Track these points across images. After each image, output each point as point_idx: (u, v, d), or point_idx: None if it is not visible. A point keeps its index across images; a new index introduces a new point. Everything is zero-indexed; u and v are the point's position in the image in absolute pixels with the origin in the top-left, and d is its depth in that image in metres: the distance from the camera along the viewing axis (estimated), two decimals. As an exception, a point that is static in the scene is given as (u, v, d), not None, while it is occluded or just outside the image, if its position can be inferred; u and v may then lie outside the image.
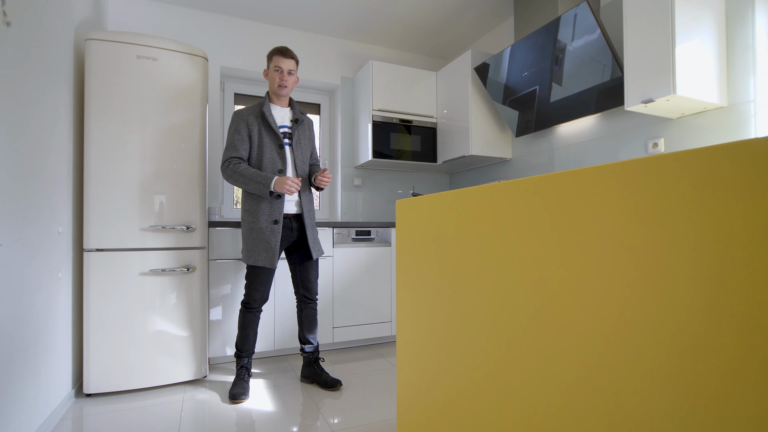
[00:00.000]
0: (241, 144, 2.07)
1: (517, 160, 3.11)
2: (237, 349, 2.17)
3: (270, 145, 2.09)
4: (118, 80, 2.08)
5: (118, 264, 2.07)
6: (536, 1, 2.52)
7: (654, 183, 0.38)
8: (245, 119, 2.08)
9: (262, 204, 2.05)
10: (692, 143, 1.96)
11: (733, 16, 1.81)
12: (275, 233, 2.06)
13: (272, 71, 2.11)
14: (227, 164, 2.06)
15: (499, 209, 0.58)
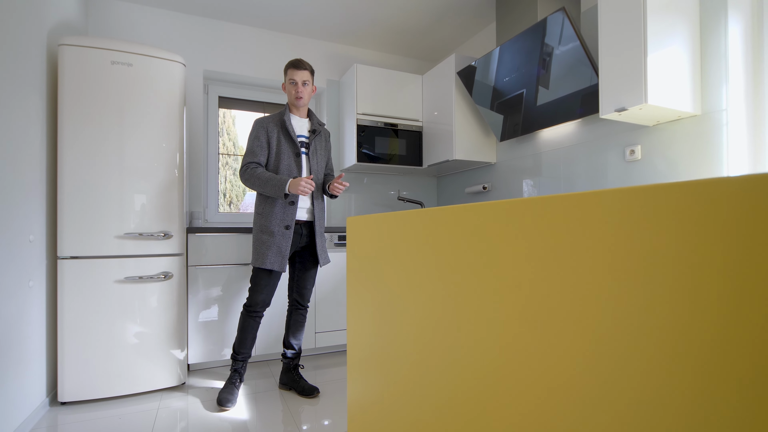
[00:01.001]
0: (260, 150, 2.13)
1: (501, 164, 3.10)
2: (234, 351, 2.17)
3: (287, 153, 2.15)
4: (93, 86, 2.07)
5: (93, 272, 2.06)
6: (517, 7, 2.51)
7: (588, 218, 0.38)
8: (265, 127, 2.15)
9: (275, 208, 2.10)
10: (668, 150, 1.96)
11: (707, 25, 1.81)
12: (286, 238, 2.09)
13: (288, 84, 2.18)
14: (245, 169, 2.11)
15: (435, 233, 0.58)
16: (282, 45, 3.35)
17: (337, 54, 3.55)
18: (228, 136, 3.46)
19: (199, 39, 3.09)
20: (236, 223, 3.32)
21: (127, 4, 2.87)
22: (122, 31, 2.86)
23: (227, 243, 2.56)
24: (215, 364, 2.61)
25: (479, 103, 2.89)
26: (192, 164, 3.02)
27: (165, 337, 2.22)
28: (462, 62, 2.98)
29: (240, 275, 2.59)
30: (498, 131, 2.88)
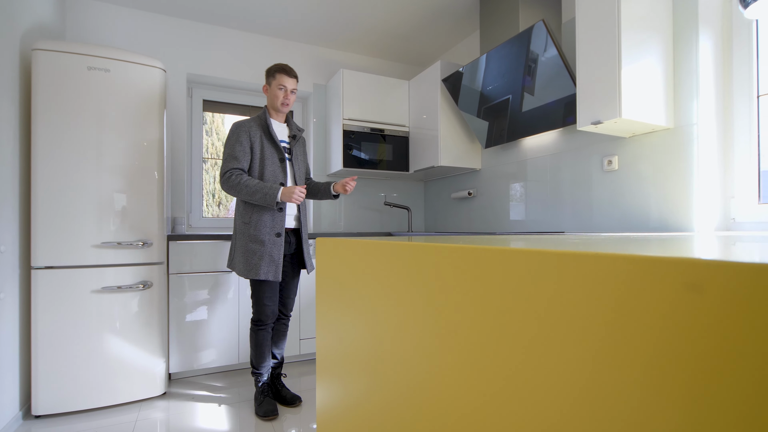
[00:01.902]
0: (243, 155, 2.04)
1: (486, 170, 3.13)
2: (253, 368, 2.13)
3: (272, 158, 2.08)
4: (68, 92, 2.04)
5: (69, 282, 2.04)
6: (499, 17, 2.53)
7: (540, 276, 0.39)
8: (247, 130, 2.06)
9: (264, 216, 2.04)
10: (643, 162, 1.99)
11: (680, 40, 1.84)
12: (278, 246, 2.05)
13: (275, 88, 2.11)
14: (228, 176, 2.01)
15: (392, 264, 0.60)
16: (268, 48, 3.34)
17: (323, 58, 3.55)
18: (217, 135, 3.43)
19: (183, 42, 3.06)
20: (221, 228, 3.29)
21: (107, 6, 2.83)
22: (102, 34, 2.82)
23: (210, 250, 2.54)
24: (198, 372, 2.59)
25: (465, 110, 2.90)
26: (175, 168, 3.00)
27: (144, 347, 2.20)
28: (447, 69, 3.00)
29: (223, 283, 2.57)
30: (483, 138, 2.90)
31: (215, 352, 2.55)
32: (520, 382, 0.36)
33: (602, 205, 2.20)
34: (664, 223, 1.90)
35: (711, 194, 1.82)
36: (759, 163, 1.80)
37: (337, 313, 0.80)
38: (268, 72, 2.14)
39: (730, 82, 1.84)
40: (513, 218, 2.83)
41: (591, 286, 0.30)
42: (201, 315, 2.51)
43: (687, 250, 0.28)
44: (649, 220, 1.97)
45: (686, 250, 0.29)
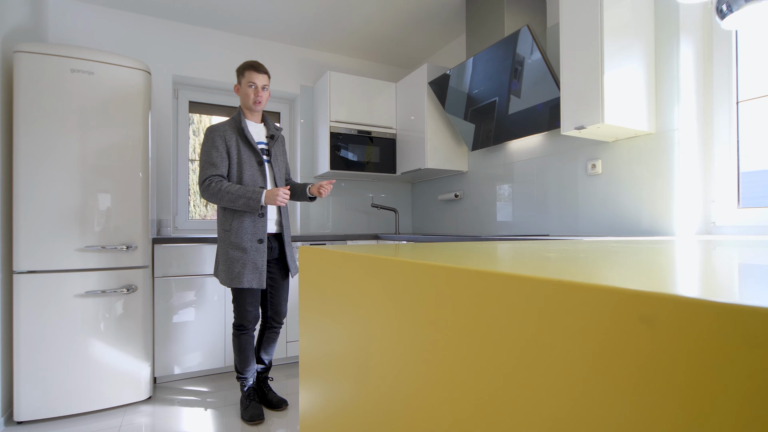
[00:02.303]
0: (221, 161, 1.98)
1: (472, 173, 3.15)
2: (238, 373, 2.10)
3: (249, 162, 2.02)
4: (51, 95, 2.01)
5: (51, 286, 2.01)
6: (485, 21, 2.55)
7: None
8: (222, 135, 1.99)
9: (245, 223, 1.98)
10: (626, 166, 2.02)
11: (662, 46, 1.88)
12: (261, 253, 2.00)
13: (245, 87, 2.04)
14: (207, 183, 1.95)
15: (370, 277, 0.61)
16: (254, 50, 3.32)
17: (310, 60, 3.54)
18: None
19: (169, 44, 3.03)
20: (207, 231, 3.27)
21: (91, 7, 2.80)
22: (86, 36, 2.78)
23: (195, 253, 2.52)
24: (183, 376, 2.58)
25: (452, 113, 2.92)
26: (161, 170, 2.97)
27: (129, 352, 2.17)
28: (434, 72, 3.01)
29: (209, 286, 2.55)
30: (469, 141, 2.92)
31: (201, 355, 2.54)
32: (489, 395, 0.37)
33: (587, 209, 2.23)
34: (647, 226, 1.94)
35: (692, 198, 1.86)
36: (738, 169, 1.84)
37: (318, 320, 0.80)
38: (238, 71, 2.08)
39: (710, 88, 1.88)
40: (500, 220, 2.86)
41: (551, 311, 0.31)
42: (186, 318, 2.50)
43: (645, 279, 0.30)
44: (632, 224, 2.00)
45: (644, 279, 0.30)
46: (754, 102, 1.79)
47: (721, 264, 0.42)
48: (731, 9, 1.11)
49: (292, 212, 3.57)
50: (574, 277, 0.30)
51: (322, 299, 0.78)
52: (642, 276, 0.32)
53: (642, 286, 0.26)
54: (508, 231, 2.78)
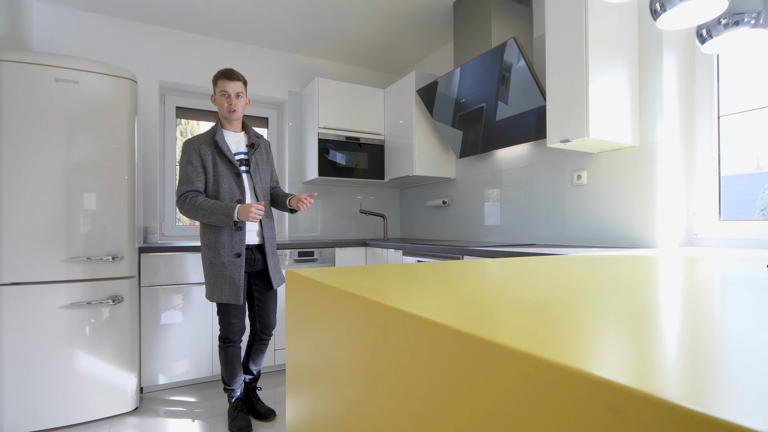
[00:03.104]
0: (196, 176, 1.96)
1: (460, 180, 3.17)
2: (225, 384, 2.09)
3: (226, 175, 1.99)
4: (35, 104, 1.98)
5: (36, 298, 1.98)
6: (473, 32, 2.57)
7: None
8: (197, 149, 1.97)
9: (221, 237, 1.96)
10: (610, 177, 2.06)
11: (645, 61, 1.91)
12: (238, 267, 1.97)
13: (219, 96, 2.01)
14: (183, 199, 1.93)
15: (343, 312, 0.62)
16: (242, 55, 3.30)
17: (299, 65, 3.53)
18: (192, 135, 3.38)
19: (155, 49, 3.00)
20: (194, 237, 3.25)
21: (77, 13, 2.76)
22: (71, 42, 2.74)
23: (181, 262, 2.50)
24: (171, 385, 2.56)
25: (440, 120, 2.94)
26: (148, 177, 2.94)
27: (115, 363, 2.15)
28: (422, 79, 3.03)
29: (196, 294, 2.54)
30: (457, 148, 2.94)
31: (188, 364, 2.52)
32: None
33: (572, 218, 2.26)
34: (631, 237, 1.97)
35: (675, 210, 1.89)
36: (720, 182, 1.88)
37: (303, 337, 0.82)
38: (213, 81, 2.05)
39: (693, 102, 1.92)
40: (487, 227, 2.88)
41: (511, 383, 0.32)
42: (174, 328, 2.48)
43: (616, 359, 0.31)
44: (617, 235, 2.03)
45: (616, 358, 0.31)
46: (734, 117, 1.83)
47: (706, 335, 0.43)
48: (711, 35, 1.14)
49: (280, 218, 3.56)
50: (544, 351, 0.31)
51: (305, 319, 0.80)
52: (614, 352, 0.33)
53: (613, 373, 0.27)
54: (495, 238, 2.81)
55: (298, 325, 0.86)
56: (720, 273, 0.86)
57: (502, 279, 0.75)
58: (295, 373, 0.88)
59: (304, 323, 0.83)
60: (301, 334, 0.85)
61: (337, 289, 0.67)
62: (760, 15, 1.07)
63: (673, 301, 0.53)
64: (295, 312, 0.88)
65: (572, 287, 0.63)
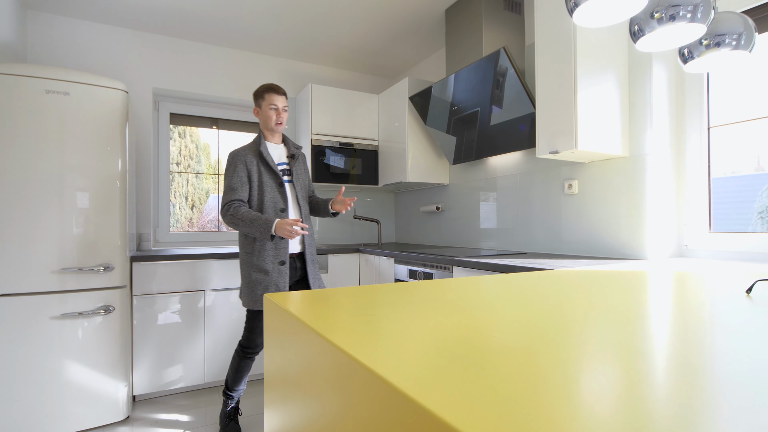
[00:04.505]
0: (241, 186, 2.00)
1: (454, 186, 3.17)
2: (227, 389, 2.10)
3: (270, 184, 2.04)
4: (26, 116, 1.98)
5: (26, 309, 1.99)
6: (464, 38, 2.57)
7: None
8: (243, 159, 2.02)
9: (266, 244, 1.99)
10: (601, 187, 2.05)
11: (635, 71, 1.91)
12: (283, 275, 1.99)
13: (267, 109, 2.06)
14: (227, 208, 1.96)
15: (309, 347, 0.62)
16: (235, 61, 3.30)
17: (292, 71, 3.53)
18: (191, 138, 3.39)
19: (148, 56, 3.00)
20: (189, 243, 3.26)
21: (70, 21, 2.76)
22: (65, 51, 2.74)
23: (173, 270, 2.51)
24: (163, 393, 2.57)
25: (433, 126, 2.93)
26: (141, 183, 2.95)
27: (106, 372, 2.16)
28: (415, 85, 3.02)
29: (188, 302, 2.54)
30: (450, 155, 2.94)
31: (181, 372, 2.53)
32: None
33: (564, 228, 2.26)
34: (620, 249, 1.97)
35: (665, 221, 1.89)
36: (710, 193, 1.88)
37: (279, 354, 0.83)
38: (256, 94, 2.10)
39: (683, 113, 1.92)
40: (480, 233, 2.88)
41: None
42: (166, 336, 2.49)
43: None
44: (607, 245, 2.03)
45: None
46: (725, 128, 1.83)
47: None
48: (693, 55, 1.13)
49: (276, 223, 3.56)
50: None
51: (282, 339, 0.81)
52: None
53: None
54: (488, 244, 2.81)
55: (276, 344, 0.87)
56: (697, 302, 0.86)
57: (472, 311, 0.75)
58: (271, 386, 0.89)
59: (282, 344, 0.84)
60: (277, 354, 0.86)
61: (307, 326, 0.67)
62: (741, 36, 1.07)
63: (628, 357, 0.53)
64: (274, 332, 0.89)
65: (543, 324, 0.63)
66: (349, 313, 0.76)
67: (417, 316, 0.71)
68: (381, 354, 0.51)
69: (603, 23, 1.03)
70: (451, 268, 2.07)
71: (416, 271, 2.36)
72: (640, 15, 1.01)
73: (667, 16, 0.96)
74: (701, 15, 0.96)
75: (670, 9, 0.95)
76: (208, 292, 2.60)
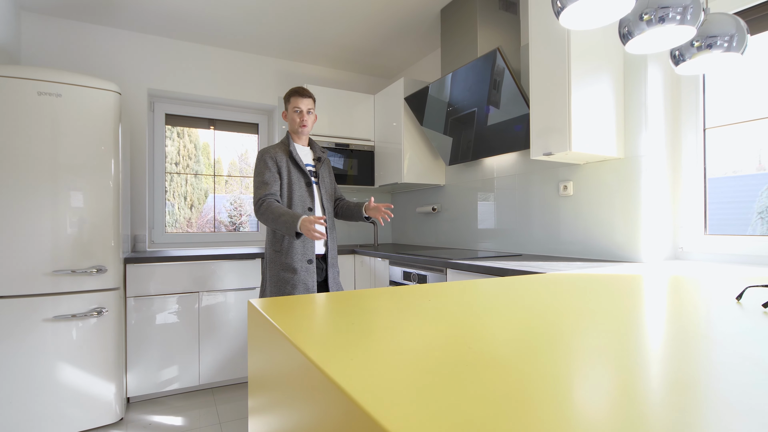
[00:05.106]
0: (273, 180, 2.00)
1: (449, 186, 3.15)
2: None
3: (299, 183, 2.06)
4: (18, 118, 1.98)
5: (18, 311, 1.98)
6: (459, 39, 2.55)
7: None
8: (273, 157, 2.04)
9: (295, 243, 1.99)
10: (596, 189, 2.04)
11: (631, 72, 1.89)
12: (311, 273, 2.01)
13: (291, 112, 2.10)
14: (260, 203, 1.96)
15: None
16: (232, 62, 3.29)
17: (289, 71, 3.52)
18: (189, 138, 3.38)
19: (143, 57, 2.99)
20: (184, 244, 3.25)
21: (64, 22, 2.75)
22: (60, 52, 2.73)
23: (167, 271, 2.50)
24: (158, 394, 2.56)
25: (429, 126, 2.91)
26: (136, 185, 2.94)
27: (99, 374, 2.15)
28: (411, 85, 3.01)
29: (182, 304, 2.54)
30: (446, 155, 2.92)
31: (176, 374, 2.52)
32: None
33: (559, 229, 2.24)
34: (615, 251, 1.96)
35: (661, 223, 1.87)
36: (705, 195, 1.86)
37: (262, 359, 0.82)
38: (284, 98, 2.14)
39: (679, 114, 1.90)
40: (476, 234, 2.87)
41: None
42: (161, 337, 2.48)
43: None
44: (601, 248, 2.02)
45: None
46: (724, 129, 1.81)
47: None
48: (684, 57, 1.12)
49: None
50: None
51: (261, 345, 0.80)
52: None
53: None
54: (484, 245, 2.79)
55: (260, 351, 0.86)
56: (685, 309, 0.85)
57: (452, 319, 0.73)
58: (253, 390, 0.88)
59: (260, 352, 0.83)
60: (258, 359, 0.85)
61: (281, 332, 0.66)
62: (732, 38, 1.05)
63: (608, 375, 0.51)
64: (256, 337, 0.88)
65: (524, 334, 0.62)
66: (326, 320, 0.75)
67: (396, 325, 0.70)
68: (349, 365, 0.50)
69: (590, 25, 1.02)
70: (445, 270, 2.06)
71: (410, 273, 2.35)
72: (630, 17, 1.00)
73: (657, 18, 0.94)
74: (691, 17, 0.94)
75: (659, 11, 0.94)
76: (203, 293, 2.60)
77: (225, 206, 3.59)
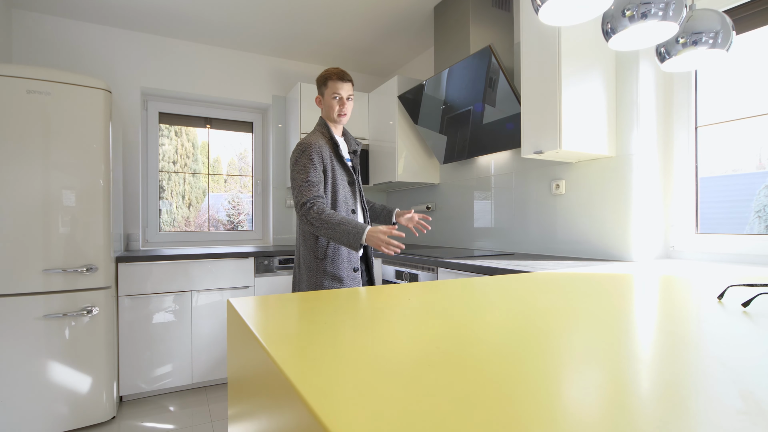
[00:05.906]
0: (320, 180, 1.72)
1: (444, 185, 3.15)
2: None
3: (342, 182, 1.79)
4: (7, 116, 1.96)
5: (10, 310, 1.97)
6: (451, 37, 2.54)
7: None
8: (319, 150, 1.72)
9: (341, 250, 1.77)
10: (587, 188, 2.03)
11: (622, 70, 1.88)
12: (356, 282, 1.82)
13: (329, 98, 1.79)
14: (309, 206, 1.65)
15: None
16: (226, 60, 3.28)
17: (282, 69, 3.50)
18: (187, 136, 3.37)
19: (136, 55, 2.98)
20: (178, 243, 3.24)
21: (56, 20, 2.74)
22: (52, 50, 2.72)
23: (158, 270, 2.49)
24: (150, 393, 2.55)
25: (424, 125, 2.90)
26: (129, 183, 2.93)
27: (90, 373, 2.15)
28: (405, 83, 3.00)
29: (175, 303, 2.53)
30: (441, 154, 2.91)
31: (168, 373, 2.52)
32: None
33: (552, 228, 2.23)
34: (606, 250, 1.95)
35: (652, 222, 1.87)
36: (697, 194, 1.85)
37: (239, 361, 0.82)
38: (319, 81, 1.83)
39: (670, 113, 1.89)
40: (470, 233, 2.86)
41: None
42: (153, 336, 2.47)
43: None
44: (593, 247, 2.01)
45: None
46: (720, 126, 1.80)
47: None
48: (669, 54, 1.11)
49: (264, 222, 3.54)
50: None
51: (238, 344, 0.79)
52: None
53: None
54: (478, 244, 2.78)
55: (233, 352, 0.85)
56: (665, 308, 0.84)
57: (430, 319, 0.72)
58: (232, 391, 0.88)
59: (236, 351, 0.82)
60: (235, 360, 0.85)
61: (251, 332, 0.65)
62: (717, 35, 1.04)
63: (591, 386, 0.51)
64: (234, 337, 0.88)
65: (501, 334, 0.61)
66: (301, 319, 0.75)
67: (370, 324, 0.69)
68: (311, 365, 0.49)
69: (570, 21, 1.01)
70: (436, 269, 2.05)
71: (402, 272, 2.34)
72: (612, 13, 0.99)
73: (639, 14, 0.93)
74: (673, 13, 0.93)
75: (641, 6, 0.93)
76: (195, 292, 2.59)
77: (223, 205, 3.58)
